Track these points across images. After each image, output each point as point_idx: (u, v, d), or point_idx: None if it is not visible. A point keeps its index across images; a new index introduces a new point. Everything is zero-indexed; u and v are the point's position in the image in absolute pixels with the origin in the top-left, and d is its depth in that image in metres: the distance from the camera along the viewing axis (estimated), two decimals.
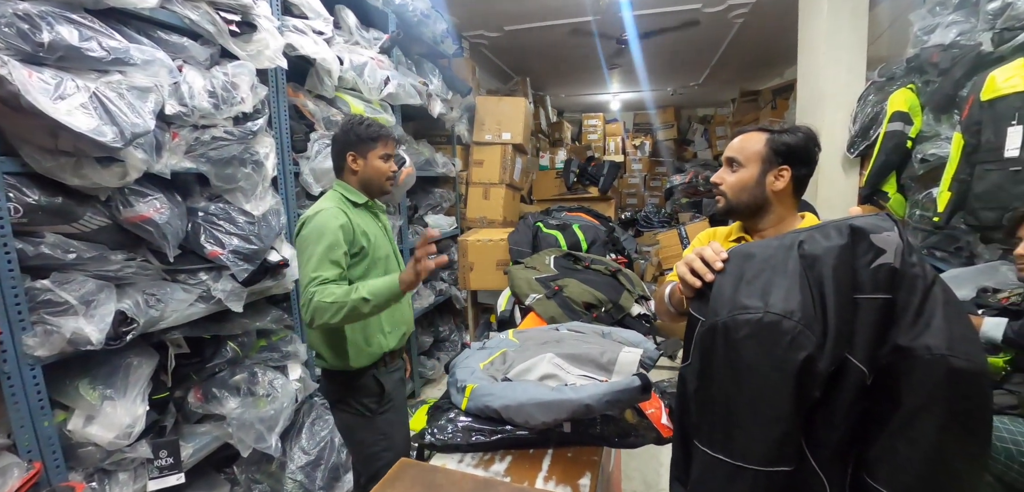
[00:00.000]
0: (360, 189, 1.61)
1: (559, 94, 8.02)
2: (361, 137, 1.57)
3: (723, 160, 1.24)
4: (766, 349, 0.69)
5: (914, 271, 0.70)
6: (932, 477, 0.68)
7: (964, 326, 0.69)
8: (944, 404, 0.67)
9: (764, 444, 0.71)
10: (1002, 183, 1.87)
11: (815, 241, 0.75)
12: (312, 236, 1.45)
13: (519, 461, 1.14)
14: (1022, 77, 1.84)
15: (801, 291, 0.70)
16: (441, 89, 3.11)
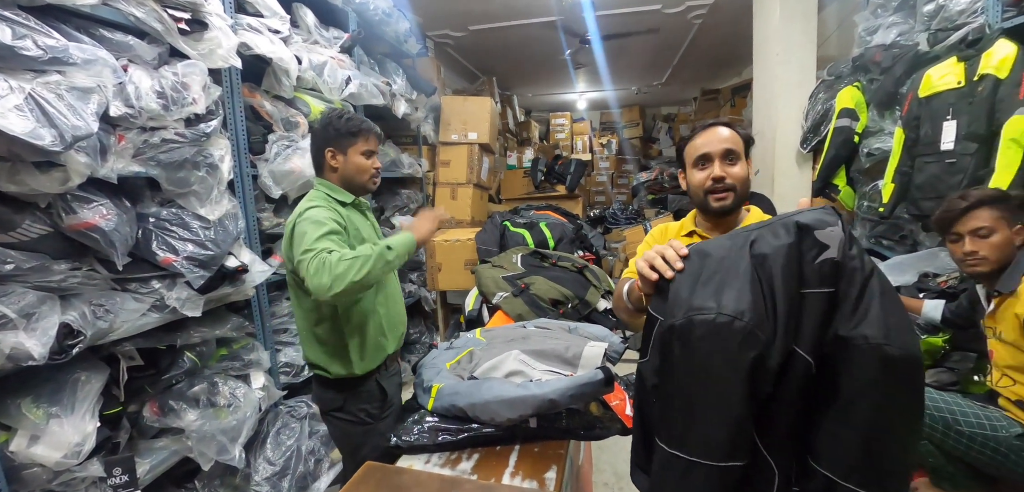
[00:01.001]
0: (343, 187, 1.53)
1: (526, 94, 8.06)
2: (340, 132, 1.49)
3: (714, 155, 1.19)
4: (719, 349, 0.72)
5: (853, 264, 0.73)
6: (870, 457, 0.72)
7: (899, 315, 0.72)
8: (880, 390, 0.70)
9: (719, 440, 0.73)
10: (939, 174, 1.99)
11: (765, 240, 0.77)
12: (309, 228, 1.34)
13: (486, 458, 1.15)
14: (955, 75, 1.96)
15: (752, 291, 0.73)
16: (405, 89, 3.08)
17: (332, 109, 1.53)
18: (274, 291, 2.33)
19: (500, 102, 5.72)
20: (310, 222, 1.35)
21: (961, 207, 1.47)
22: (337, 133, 1.49)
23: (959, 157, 1.90)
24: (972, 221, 1.45)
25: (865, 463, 0.71)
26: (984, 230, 1.43)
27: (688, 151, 1.24)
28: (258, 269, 1.91)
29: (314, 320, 1.51)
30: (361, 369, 1.52)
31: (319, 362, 1.53)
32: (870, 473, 0.71)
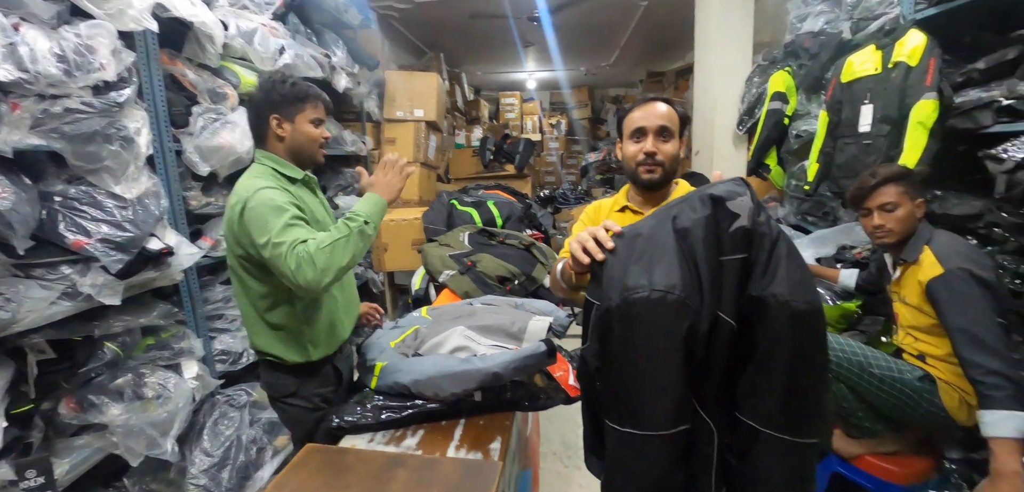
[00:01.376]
0: (290, 159, 1.38)
1: (475, 72, 7.94)
2: (287, 97, 1.33)
3: (649, 130, 1.21)
4: (656, 324, 0.75)
5: (762, 230, 0.79)
6: (786, 403, 0.78)
7: (802, 274, 0.79)
8: (789, 342, 0.76)
9: (666, 410, 0.77)
10: (858, 155, 2.13)
11: (685, 214, 0.82)
12: (268, 215, 1.19)
13: (431, 434, 1.14)
14: (873, 62, 2.10)
15: (680, 265, 0.77)
16: (346, 62, 2.95)
17: (273, 73, 1.35)
18: (206, 275, 2.20)
19: (448, 80, 5.60)
20: (267, 207, 1.20)
21: (870, 184, 1.57)
22: (283, 98, 1.34)
23: (874, 139, 2.05)
24: (880, 197, 1.56)
25: (782, 410, 0.78)
26: (890, 205, 1.54)
27: (626, 122, 1.26)
28: (186, 252, 1.78)
29: (265, 307, 1.38)
30: (318, 355, 1.44)
31: (271, 350, 1.41)
32: (786, 418, 0.78)
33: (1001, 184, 1.58)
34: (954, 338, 1.36)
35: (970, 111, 1.71)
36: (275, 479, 1.00)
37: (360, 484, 0.95)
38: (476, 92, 7.91)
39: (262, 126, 1.36)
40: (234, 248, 1.33)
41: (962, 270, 1.37)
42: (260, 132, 1.38)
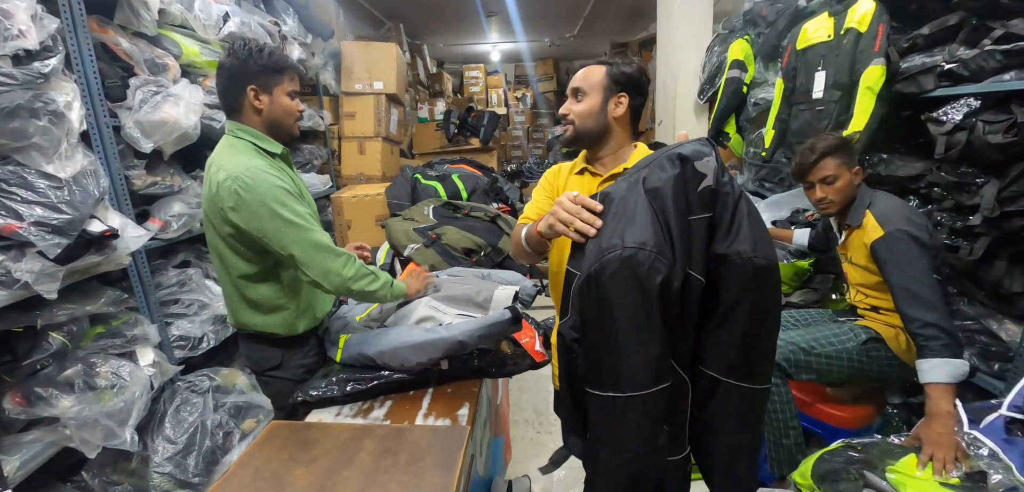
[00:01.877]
0: (266, 132, 1.33)
1: (437, 44, 7.74)
2: (265, 67, 1.28)
3: (569, 92, 1.28)
4: (629, 280, 0.76)
5: (726, 189, 0.82)
6: (745, 353, 0.83)
7: (762, 231, 0.83)
8: (751, 295, 0.81)
9: (646, 368, 0.79)
10: (811, 120, 2.20)
11: (654, 174, 0.83)
12: (278, 199, 1.20)
13: (400, 404, 1.14)
14: (826, 29, 2.16)
15: (651, 223, 0.78)
16: (298, 31, 2.80)
17: (245, 41, 1.30)
18: (157, 259, 2.10)
19: (409, 51, 5.44)
20: (267, 192, 1.19)
21: (810, 160, 1.63)
22: (260, 69, 1.28)
23: (826, 104, 2.12)
24: (820, 171, 1.62)
25: (740, 359, 0.84)
26: (830, 177, 1.61)
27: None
28: (132, 234, 1.69)
29: (249, 284, 1.36)
30: (303, 327, 1.43)
31: (255, 325, 1.39)
32: (744, 367, 0.84)
33: (941, 145, 1.66)
34: (895, 295, 1.45)
35: (915, 75, 1.79)
36: (238, 458, 0.97)
37: (327, 456, 0.93)
38: (439, 65, 7.72)
39: (238, 97, 1.29)
40: (219, 227, 1.28)
41: (900, 231, 1.45)
42: (235, 104, 1.31)
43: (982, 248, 1.58)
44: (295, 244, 1.22)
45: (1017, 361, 1.52)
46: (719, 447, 0.90)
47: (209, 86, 2.10)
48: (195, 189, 2.11)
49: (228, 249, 1.31)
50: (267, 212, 1.20)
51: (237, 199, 1.19)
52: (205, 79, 2.10)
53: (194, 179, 2.15)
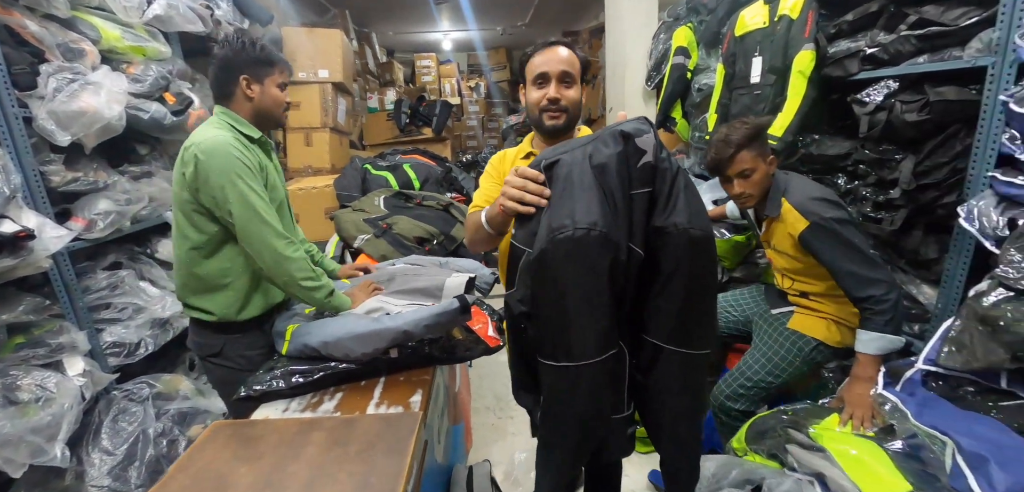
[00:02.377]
0: (253, 121, 1.42)
1: (387, 32, 7.55)
2: (258, 60, 1.39)
3: (552, 75, 1.20)
4: (582, 261, 0.79)
5: (664, 165, 0.85)
6: (683, 321, 0.88)
7: (698, 204, 0.87)
8: (687, 265, 0.84)
9: (596, 338, 0.83)
10: (750, 105, 2.30)
11: (599, 151, 0.85)
12: (233, 172, 1.26)
13: (350, 395, 1.11)
14: (762, 16, 2.25)
15: (599, 201, 0.80)
16: (233, 15, 2.65)
17: (238, 33, 1.41)
18: (84, 260, 1.95)
19: (357, 40, 5.27)
20: (227, 162, 1.26)
21: (727, 154, 1.57)
22: (254, 60, 1.39)
23: (763, 88, 2.22)
24: (737, 165, 1.57)
25: (679, 327, 0.88)
26: (747, 170, 1.56)
27: (528, 68, 1.24)
28: (51, 235, 1.56)
29: (201, 257, 1.39)
30: (247, 315, 1.45)
31: (199, 304, 1.43)
32: (683, 334, 0.88)
33: (864, 124, 1.78)
34: (844, 282, 1.46)
35: (841, 60, 1.90)
36: (178, 461, 0.92)
37: (273, 453, 0.90)
38: (389, 54, 7.51)
39: (230, 85, 1.39)
40: (179, 194, 1.34)
41: (823, 220, 1.47)
42: (226, 91, 1.40)
43: (901, 219, 1.71)
44: (240, 207, 1.26)
45: (933, 321, 1.66)
46: (663, 411, 0.95)
47: (134, 73, 1.95)
48: (123, 185, 1.97)
49: (184, 218, 1.36)
50: (220, 177, 1.26)
51: (196, 162, 1.26)
52: (129, 66, 1.95)
53: (122, 174, 2.00)
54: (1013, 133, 1.34)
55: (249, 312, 1.45)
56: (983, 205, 1.39)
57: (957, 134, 1.56)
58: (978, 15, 1.46)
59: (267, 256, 1.28)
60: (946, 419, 1.00)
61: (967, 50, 1.49)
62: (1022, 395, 0.94)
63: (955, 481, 0.86)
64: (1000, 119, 1.39)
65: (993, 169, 1.41)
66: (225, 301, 1.41)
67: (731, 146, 1.56)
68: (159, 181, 2.14)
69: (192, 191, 1.30)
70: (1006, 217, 1.32)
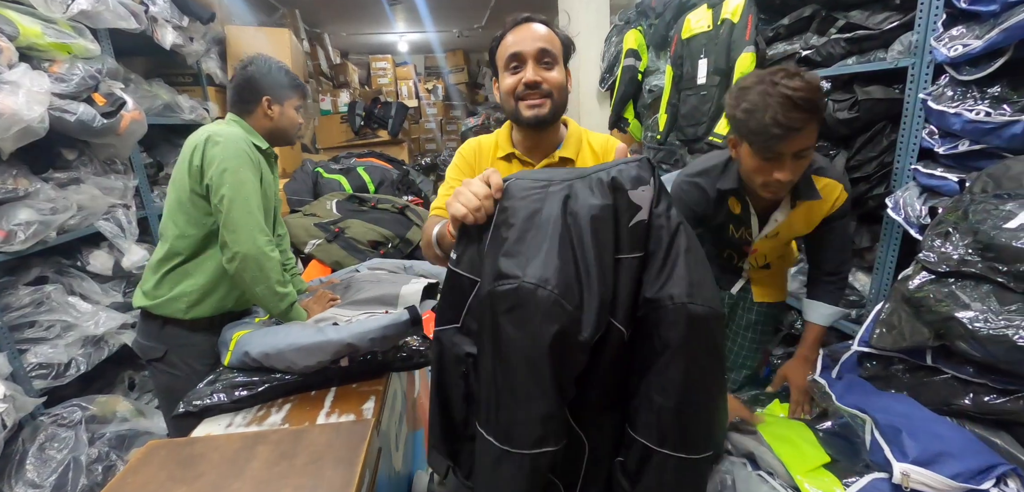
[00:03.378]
0: (266, 136, 1.50)
1: (339, 33, 7.37)
2: (282, 85, 1.48)
3: (528, 56, 1.00)
4: (523, 323, 0.65)
5: (659, 222, 0.70)
6: (680, 418, 0.70)
7: (702, 272, 0.71)
8: (686, 349, 0.67)
9: (527, 425, 0.67)
10: (697, 104, 2.39)
11: (582, 197, 0.70)
12: (238, 161, 1.31)
13: (300, 405, 1.07)
14: (706, 20, 2.34)
15: (561, 256, 0.66)
16: (171, 13, 2.50)
17: (266, 57, 1.49)
18: (4, 275, 1.79)
19: (309, 40, 5.11)
20: (234, 155, 1.31)
21: (797, 124, 1.02)
22: (279, 85, 1.48)
23: (709, 89, 2.31)
24: (802, 140, 1.06)
25: (675, 424, 0.70)
26: (807, 151, 1.09)
27: (500, 52, 1.05)
28: None
29: (182, 244, 1.40)
30: (195, 313, 1.43)
31: (147, 305, 1.43)
32: (679, 433, 0.71)
33: None
34: (836, 255, 1.34)
35: (778, 61, 2.00)
36: (107, 486, 0.86)
37: (214, 471, 0.85)
38: (343, 55, 7.33)
39: (252, 102, 1.46)
40: (183, 180, 1.36)
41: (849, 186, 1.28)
42: (247, 105, 1.47)
43: None
44: (233, 191, 1.29)
45: (868, 306, 1.77)
46: None
47: (58, 72, 1.81)
48: (48, 193, 1.82)
49: (179, 205, 1.38)
50: (224, 162, 1.30)
51: (206, 144, 1.32)
52: (52, 64, 1.80)
53: (46, 181, 1.85)
54: (932, 128, 1.45)
55: (199, 311, 1.43)
56: (908, 196, 1.49)
57: (884, 130, 1.67)
58: (899, 19, 1.56)
59: (246, 245, 1.28)
60: (866, 398, 1.06)
61: (890, 52, 1.59)
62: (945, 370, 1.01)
63: (874, 454, 0.91)
64: (920, 116, 1.50)
65: (915, 162, 1.51)
66: (169, 294, 1.41)
67: (806, 112, 1.02)
68: (89, 188, 1.99)
69: (196, 174, 1.33)
70: (927, 206, 1.42)
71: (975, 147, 1.32)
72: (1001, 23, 1.19)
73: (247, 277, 1.29)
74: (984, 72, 1.26)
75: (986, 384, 0.92)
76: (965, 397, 0.95)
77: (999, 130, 1.24)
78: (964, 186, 1.32)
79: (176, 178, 1.40)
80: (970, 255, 0.99)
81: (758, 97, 1.03)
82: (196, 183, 1.34)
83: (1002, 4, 1.20)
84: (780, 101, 1.00)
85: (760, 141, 1.05)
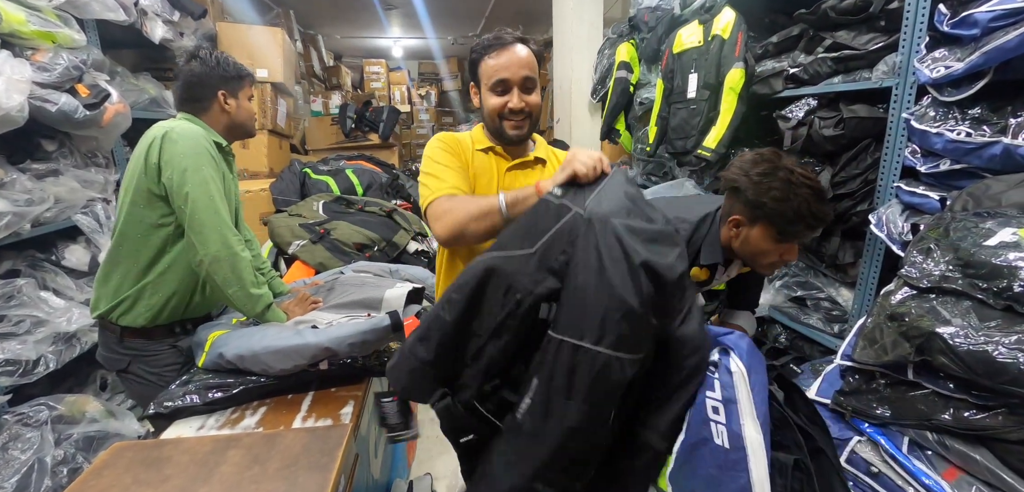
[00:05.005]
0: (224, 132, 1.46)
1: (334, 35, 7.35)
2: (231, 76, 1.43)
3: (514, 82, 1.10)
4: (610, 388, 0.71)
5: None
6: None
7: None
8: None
9: (632, 335, 0.72)
10: (687, 118, 2.41)
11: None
12: (199, 159, 1.26)
13: (275, 409, 1.04)
14: (697, 35, 2.37)
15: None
16: (162, 7, 2.47)
17: (209, 49, 1.50)
18: None
19: (302, 41, 5.08)
20: (195, 153, 1.26)
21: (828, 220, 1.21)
22: (232, 76, 1.44)
23: (698, 103, 2.33)
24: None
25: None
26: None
27: (483, 70, 1.13)
28: None
29: (139, 250, 1.34)
30: (154, 320, 1.38)
31: (105, 313, 1.37)
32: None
33: (787, 139, 1.90)
34: (759, 293, 1.57)
35: (767, 78, 2.03)
36: (68, 488, 0.82)
37: (181, 474, 0.82)
38: (337, 58, 7.30)
39: (207, 99, 1.41)
40: (140, 178, 1.30)
41: None
42: (202, 104, 1.42)
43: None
44: (198, 191, 1.24)
45: (851, 321, 1.78)
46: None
47: (40, 61, 1.77)
48: (24, 183, 1.77)
49: (134, 206, 1.31)
50: (185, 160, 1.25)
51: (164, 141, 1.25)
52: (34, 53, 1.76)
53: (23, 172, 1.81)
54: (914, 147, 1.47)
55: (159, 320, 1.38)
56: (890, 213, 1.51)
57: (868, 148, 1.69)
58: (883, 41, 1.59)
59: (215, 246, 1.23)
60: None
61: (875, 72, 1.62)
62: (927, 386, 1.01)
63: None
64: (903, 135, 1.52)
65: (898, 180, 1.54)
66: (138, 299, 1.35)
67: (827, 205, 1.19)
68: (68, 180, 1.95)
69: (153, 172, 1.27)
70: (909, 223, 1.44)
71: (956, 166, 1.34)
72: (982, 46, 1.21)
73: (218, 279, 1.24)
74: (965, 94, 1.29)
75: (966, 400, 0.93)
76: (946, 412, 0.95)
77: (979, 150, 1.26)
78: (945, 204, 1.33)
79: (129, 178, 1.33)
80: (951, 271, 1.00)
81: (785, 187, 1.11)
82: (153, 182, 1.27)
83: (983, 28, 1.22)
84: (811, 195, 1.10)
85: (791, 228, 1.14)
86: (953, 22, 1.31)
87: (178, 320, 1.42)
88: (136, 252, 1.34)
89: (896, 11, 1.53)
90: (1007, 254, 0.92)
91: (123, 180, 1.38)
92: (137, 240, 1.33)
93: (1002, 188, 1.15)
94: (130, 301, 1.35)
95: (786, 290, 2.07)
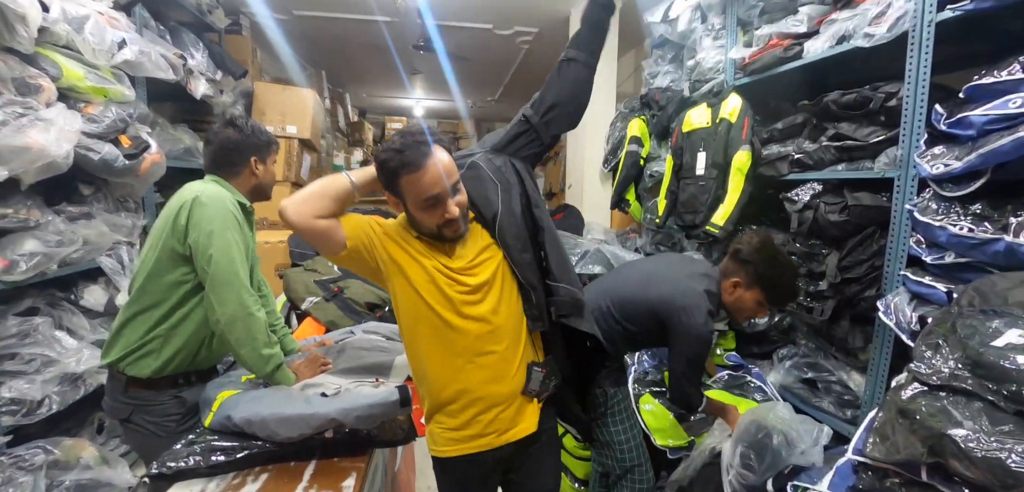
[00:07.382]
0: (249, 194, 1.51)
1: (360, 93, 7.73)
2: (262, 144, 1.51)
3: (445, 195, 1.06)
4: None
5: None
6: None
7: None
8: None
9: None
10: (695, 193, 2.47)
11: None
12: (224, 223, 1.31)
13: (277, 477, 1.03)
14: (706, 117, 2.47)
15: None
16: (207, 67, 2.66)
17: (244, 116, 1.52)
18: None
19: (330, 98, 5.35)
20: (227, 218, 1.32)
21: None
22: (262, 144, 1.50)
23: (707, 180, 2.40)
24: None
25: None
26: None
27: (408, 188, 1.06)
28: None
29: (146, 311, 1.37)
30: (159, 372, 1.39)
31: (116, 362, 1.39)
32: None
33: (794, 221, 1.94)
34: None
35: (773, 161, 2.09)
36: None
37: None
38: (361, 114, 7.65)
39: (240, 165, 1.47)
40: (168, 239, 1.34)
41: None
42: (235, 168, 1.48)
43: (830, 309, 1.84)
44: (221, 254, 1.28)
45: (863, 408, 1.75)
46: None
47: (91, 113, 1.90)
48: (57, 225, 1.85)
49: (153, 265, 1.36)
50: (212, 223, 1.30)
51: (193, 204, 1.31)
52: (86, 105, 1.90)
53: (58, 213, 1.89)
54: (919, 238, 1.49)
55: (166, 371, 1.40)
56: (898, 301, 1.51)
57: (874, 235, 1.72)
58: (884, 134, 1.65)
59: (232, 307, 1.27)
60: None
61: (877, 162, 1.67)
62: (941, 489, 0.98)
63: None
64: (907, 225, 1.54)
65: (904, 269, 1.55)
66: (150, 352, 1.38)
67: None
68: (99, 224, 2.02)
69: (180, 234, 1.32)
70: (917, 313, 1.43)
71: (961, 260, 1.35)
72: (978, 148, 1.25)
73: (233, 339, 1.28)
74: (965, 190, 1.31)
75: None
76: None
77: (983, 246, 1.27)
78: (952, 297, 1.34)
79: (157, 235, 1.38)
80: (960, 370, 0.99)
81: (788, 270, 1.58)
82: (178, 242, 1.32)
83: (978, 130, 1.26)
84: (796, 276, 1.62)
85: (782, 298, 1.62)
86: (949, 122, 1.36)
87: (182, 372, 1.44)
88: (153, 306, 1.38)
89: (895, 108, 1.60)
90: (1016, 356, 0.91)
91: (150, 236, 1.43)
92: (156, 294, 1.37)
93: (1008, 285, 1.15)
94: (139, 353, 1.38)
95: (796, 371, 2.04)
